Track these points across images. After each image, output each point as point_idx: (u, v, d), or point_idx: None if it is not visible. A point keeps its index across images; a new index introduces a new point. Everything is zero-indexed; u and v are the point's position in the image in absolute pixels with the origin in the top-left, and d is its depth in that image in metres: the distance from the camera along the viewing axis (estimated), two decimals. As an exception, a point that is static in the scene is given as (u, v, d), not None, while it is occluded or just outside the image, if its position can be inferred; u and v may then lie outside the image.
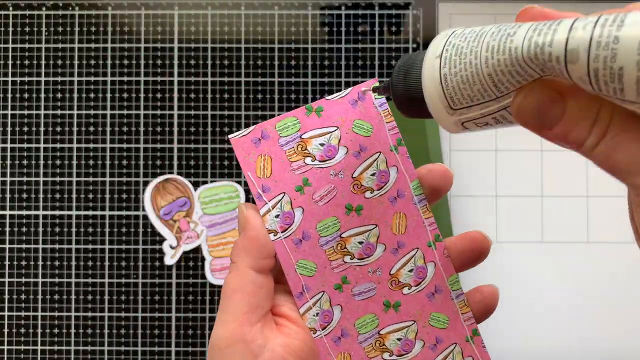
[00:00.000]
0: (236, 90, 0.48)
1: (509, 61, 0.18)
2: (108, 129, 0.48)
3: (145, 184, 0.48)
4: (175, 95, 0.48)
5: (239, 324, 0.24)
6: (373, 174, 0.27)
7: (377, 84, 0.25)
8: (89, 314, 0.48)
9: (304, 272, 0.26)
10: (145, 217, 0.48)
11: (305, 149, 0.26)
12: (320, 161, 0.26)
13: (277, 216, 0.26)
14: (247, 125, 0.48)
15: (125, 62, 0.49)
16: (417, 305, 0.27)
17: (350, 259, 0.27)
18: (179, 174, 0.48)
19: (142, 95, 0.48)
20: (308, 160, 0.26)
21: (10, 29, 0.49)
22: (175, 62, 0.48)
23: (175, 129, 0.48)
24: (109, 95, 0.49)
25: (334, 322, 0.26)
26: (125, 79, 0.49)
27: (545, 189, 0.48)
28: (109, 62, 0.49)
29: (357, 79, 0.48)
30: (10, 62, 0.49)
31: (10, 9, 0.49)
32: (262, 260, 0.25)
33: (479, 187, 0.48)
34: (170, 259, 0.47)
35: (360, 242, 0.27)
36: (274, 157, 0.26)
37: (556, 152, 0.47)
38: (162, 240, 0.48)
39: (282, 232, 0.26)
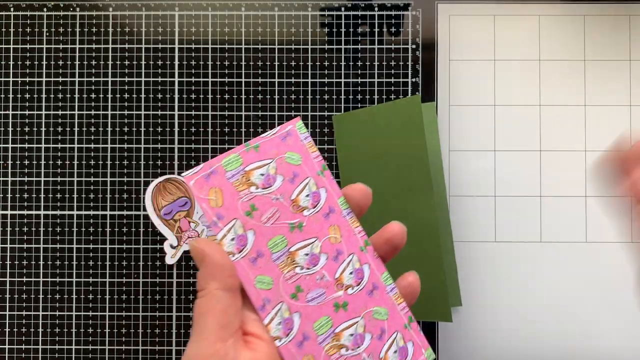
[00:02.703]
0: (236, 90, 0.48)
1: None
2: (109, 129, 0.49)
3: (146, 183, 0.48)
4: (176, 95, 0.49)
5: (212, 342, 0.27)
6: (307, 195, 0.31)
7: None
8: (90, 313, 0.48)
9: (263, 286, 0.29)
10: (146, 217, 0.48)
11: (249, 179, 0.30)
12: (262, 188, 0.30)
13: (232, 239, 0.29)
14: (247, 126, 0.48)
15: (126, 62, 0.49)
16: (361, 303, 0.31)
17: (300, 269, 0.30)
18: (179, 174, 0.48)
19: (142, 95, 0.49)
20: (252, 188, 0.30)
21: (12, 29, 0.49)
22: (176, 62, 0.49)
23: (176, 129, 0.48)
24: (109, 95, 0.49)
25: (295, 328, 0.29)
26: (126, 79, 0.49)
27: (544, 189, 0.48)
28: (109, 62, 0.49)
29: (356, 79, 0.48)
30: (11, 62, 0.49)
31: (12, 9, 0.49)
32: (228, 279, 0.28)
33: (479, 187, 0.48)
34: (170, 258, 0.47)
35: (306, 254, 0.30)
36: (224, 189, 0.29)
37: (555, 153, 0.48)
38: (163, 239, 0.48)
39: (238, 253, 0.29)
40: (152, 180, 0.48)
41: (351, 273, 0.31)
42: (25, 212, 0.48)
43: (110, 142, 0.49)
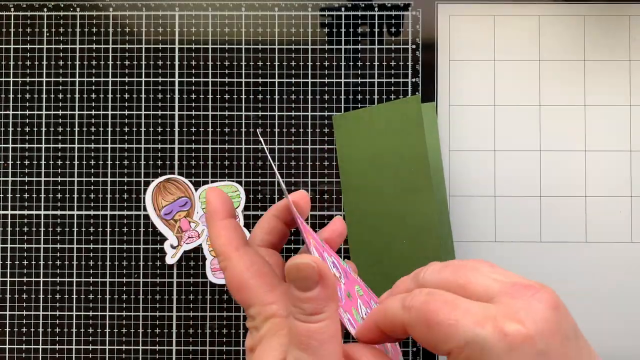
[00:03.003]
0: (236, 90, 0.48)
1: None
2: (109, 129, 0.49)
3: (146, 183, 0.48)
4: (176, 95, 0.49)
5: None
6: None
7: None
8: (90, 313, 0.48)
9: None
10: (146, 217, 0.48)
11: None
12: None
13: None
14: (247, 126, 0.48)
15: (127, 62, 0.49)
16: (351, 287, 0.32)
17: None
18: (179, 174, 0.48)
19: (143, 95, 0.49)
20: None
21: (12, 29, 0.49)
22: (176, 62, 0.49)
23: (176, 129, 0.49)
24: (110, 95, 0.49)
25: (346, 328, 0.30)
26: (126, 79, 0.49)
27: (544, 189, 0.48)
28: (109, 62, 0.49)
29: (356, 79, 0.48)
30: (12, 62, 0.49)
31: (12, 9, 0.49)
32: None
33: (479, 187, 0.48)
34: (171, 258, 0.47)
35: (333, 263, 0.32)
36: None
37: (555, 152, 0.48)
38: (163, 239, 0.48)
39: None
40: (152, 180, 0.48)
41: (333, 267, 0.32)
42: (25, 212, 0.48)
43: (111, 142, 0.49)
